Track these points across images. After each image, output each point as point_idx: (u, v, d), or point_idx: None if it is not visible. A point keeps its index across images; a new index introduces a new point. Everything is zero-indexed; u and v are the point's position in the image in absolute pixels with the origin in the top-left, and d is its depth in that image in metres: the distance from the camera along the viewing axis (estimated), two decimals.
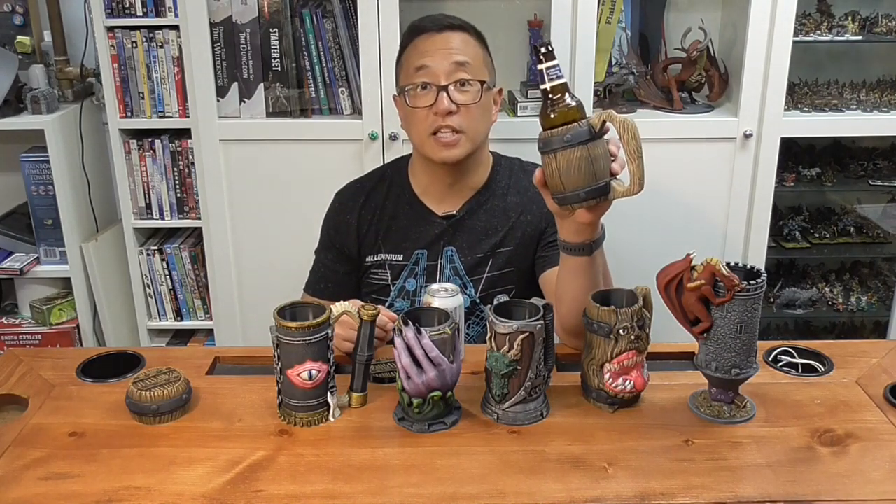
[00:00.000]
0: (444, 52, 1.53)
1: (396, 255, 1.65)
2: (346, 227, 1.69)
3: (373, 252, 1.67)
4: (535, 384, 1.24)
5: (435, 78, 1.53)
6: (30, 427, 1.26)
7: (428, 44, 1.55)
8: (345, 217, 1.69)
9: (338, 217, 1.71)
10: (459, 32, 1.57)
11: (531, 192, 1.66)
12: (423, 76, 1.53)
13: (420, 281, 1.65)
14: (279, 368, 1.24)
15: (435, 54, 1.53)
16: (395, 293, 1.66)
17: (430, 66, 1.53)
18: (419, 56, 1.55)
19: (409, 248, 1.65)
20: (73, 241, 2.39)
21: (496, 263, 1.63)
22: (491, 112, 1.62)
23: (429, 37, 1.56)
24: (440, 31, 1.55)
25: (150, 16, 2.23)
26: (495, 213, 1.65)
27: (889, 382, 1.34)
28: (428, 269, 1.65)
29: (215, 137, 2.18)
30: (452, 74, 1.53)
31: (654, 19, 2.33)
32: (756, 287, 1.18)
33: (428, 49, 1.55)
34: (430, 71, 1.53)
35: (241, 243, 2.28)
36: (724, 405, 1.27)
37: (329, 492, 1.10)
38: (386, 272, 1.66)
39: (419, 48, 1.56)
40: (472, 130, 1.56)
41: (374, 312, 1.28)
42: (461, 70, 1.53)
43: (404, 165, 1.71)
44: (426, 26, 1.57)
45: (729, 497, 1.09)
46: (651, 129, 2.18)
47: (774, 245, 2.42)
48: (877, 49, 2.42)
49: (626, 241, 2.22)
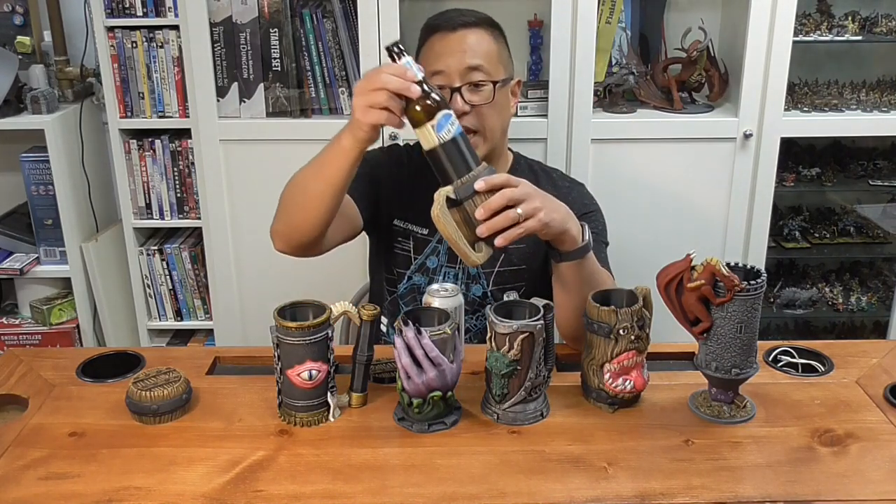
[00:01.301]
0: (457, 53, 1.55)
1: (422, 228, 1.64)
2: (383, 173, 1.65)
3: (402, 217, 1.65)
4: (535, 384, 1.24)
5: (448, 80, 1.54)
6: (30, 427, 1.26)
7: (442, 44, 1.56)
8: (386, 167, 1.66)
9: (383, 159, 1.68)
10: (474, 30, 1.57)
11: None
12: (438, 80, 1.54)
13: (442, 260, 1.65)
14: (279, 368, 1.24)
15: (448, 56, 1.55)
16: (415, 267, 1.65)
17: (444, 69, 1.54)
18: (434, 58, 1.56)
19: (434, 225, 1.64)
20: (73, 241, 2.39)
21: (508, 259, 1.63)
22: (508, 107, 1.63)
23: (443, 37, 1.57)
24: (454, 30, 1.56)
25: (150, 16, 2.23)
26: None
27: (889, 382, 1.34)
28: (450, 251, 1.63)
29: (215, 137, 2.18)
30: (465, 76, 1.54)
31: (654, 19, 2.33)
32: (756, 287, 1.18)
33: (442, 51, 1.56)
34: (443, 74, 1.55)
35: (241, 243, 2.28)
36: (724, 405, 1.27)
37: (329, 492, 1.10)
38: (409, 243, 1.65)
39: (434, 49, 1.57)
40: (488, 129, 1.58)
41: (375, 312, 1.28)
42: (474, 72, 1.54)
43: None
44: (440, 25, 1.58)
45: (729, 497, 1.09)
46: (651, 129, 2.18)
47: (774, 245, 2.42)
48: (877, 49, 2.42)
49: (627, 241, 2.22)
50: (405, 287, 1.66)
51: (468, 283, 1.64)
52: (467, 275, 1.64)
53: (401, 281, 1.66)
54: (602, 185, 2.19)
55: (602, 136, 2.17)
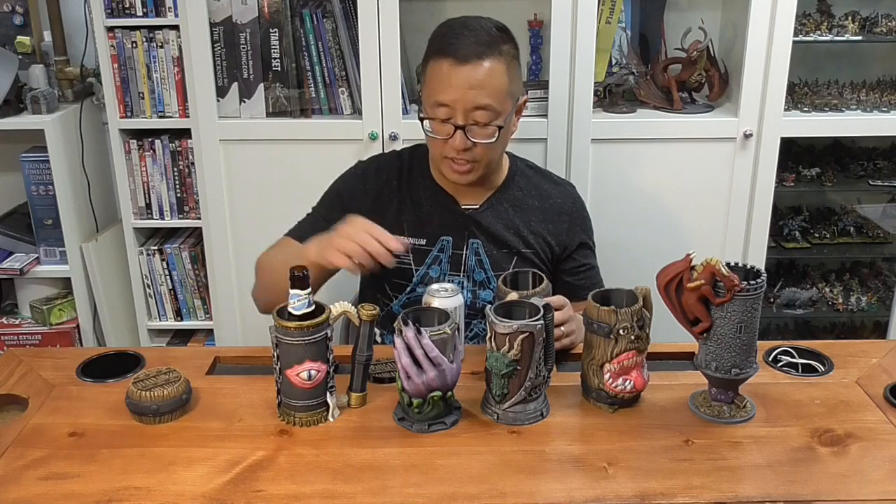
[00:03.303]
0: (466, 91, 1.49)
1: (420, 239, 1.64)
2: (361, 195, 1.65)
3: (394, 232, 1.63)
4: (535, 384, 1.24)
5: (452, 115, 1.50)
6: (30, 427, 1.26)
7: (452, 77, 1.49)
8: (362, 186, 1.66)
9: (356, 184, 1.68)
10: (488, 61, 1.49)
11: (553, 199, 1.69)
12: (443, 113, 1.51)
13: (444, 269, 1.64)
14: (278, 368, 1.24)
15: (456, 91, 1.49)
16: (417, 279, 1.64)
17: (450, 104, 1.50)
18: (441, 88, 1.50)
19: (433, 234, 1.63)
20: (73, 241, 2.39)
21: (519, 264, 1.63)
22: (510, 133, 1.60)
23: (453, 67, 1.48)
24: (465, 62, 1.48)
25: (150, 16, 2.24)
26: (518, 212, 1.66)
27: (889, 382, 1.34)
28: (453, 259, 1.63)
29: (215, 137, 2.18)
30: (471, 114, 1.50)
31: (654, 19, 2.33)
32: (756, 287, 1.18)
33: (450, 83, 1.49)
34: (448, 108, 1.50)
35: (241, 243, 2.28)
36: (724, 405, 1.27)
37: (329, 492, 1.10)
38: (409, 256, 1.64)
39: (442, 78, 1.50)
40: (487, 159, 1.56)
41: (374, 313, 1.28)
42: (481, 111, 1.50)
43: (423, 154, 1.68)
44: (451, 52, 1.49)
45: (729, 497, 1.09)
46: (651, 129, 2.18)
47: (774, 245, 2.42)
48: (877, 49, 2.42)
49: (627, 241, 2.22)
50: (407, 298, 1.65)
51: (475, 291, 1.64)
52: (473, 281, 1.64)
53: (401, 292, 1.65)
54: (602, 185, 2.20)
55: (602, 136, 2.17)
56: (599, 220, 1.80)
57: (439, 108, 1.51)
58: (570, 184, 1.77)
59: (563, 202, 1.69)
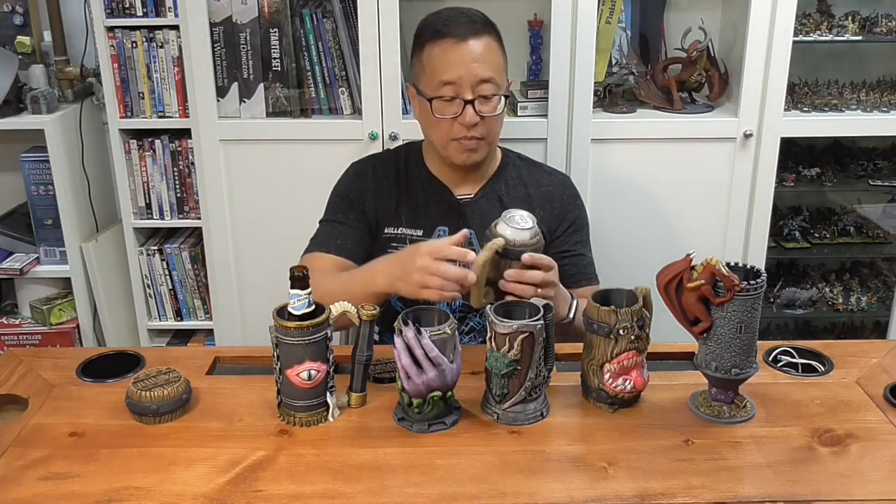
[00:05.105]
0: (470, 65, 1.53)
1: (417, 230, 1.65)
2: (364, 192, 1.68)
3: (393, 224, 1.67)
4: (535, 384, 1.24)
5: (460, 91, 1.54)
6: (30, 427, 1.26)
7: (453, 55, 1.54)
8: (362, 183, 1.69)
9: (356, 182, 1.70)
10: (484, 38, 1.55)
11: (544, 187, 1.71)
12: (450, 91, 1.54)
13: None
14: (278, 368, 1.24)
15: (461, 68, 1.53)
16: None
17: (456, 81, 1.54)
18: (445, 68, 1.54)
19: (429, 224, 1.65)
20: (73, 241, 2.39)
21: None
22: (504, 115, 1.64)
23: (453, 46, 1.54)
24: (465, 39, 1.54)
25: (150, 16, 2.24)
26: (511, 200, 1.66)
27: (889, 382, 1.34)
28: None
29: (215, 137, 2.18)
30: (477, 88, 1.54)
31: (654, 19, 2.32)
32: (756, 287, 1.18)
33: (453, 61, 1.54)
34: (455, 85, 1.54)
35: (241, 243, 2.28)
36: (724, 405, 1.27)
37: (329, 492, 1.10)
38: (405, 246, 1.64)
39: (445, 59, 1.54)
40: (492, 135, 1.61)
41: (374, 313, 1.28)
42: (486, 84, 1.55)
43: (417, 149, 1.73)
44: (449, 32, 1.55)
45: (729, 497, 1.09)
46: (651, 129, 2.18)
47: (774, 245, 2.42)
48: (877, 49, 2.42)
49: (627, 241, 2.22)
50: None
51: None
52: None
53: None
54: (602, 185, 2.20)
55: (602, 136, 2.17)
56: (600, 220, 1.80)
57: (444, 88, 1.54)
58: (563, 174, 1.79)
59: (554, 189, 1.71)
